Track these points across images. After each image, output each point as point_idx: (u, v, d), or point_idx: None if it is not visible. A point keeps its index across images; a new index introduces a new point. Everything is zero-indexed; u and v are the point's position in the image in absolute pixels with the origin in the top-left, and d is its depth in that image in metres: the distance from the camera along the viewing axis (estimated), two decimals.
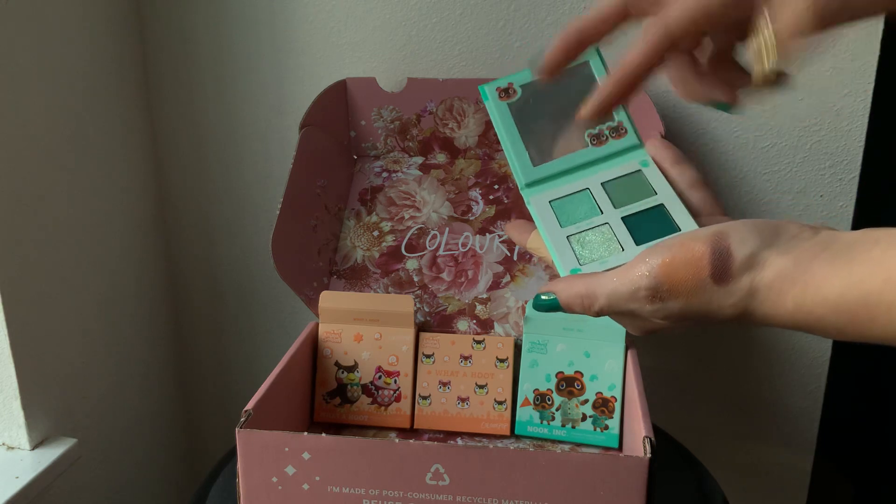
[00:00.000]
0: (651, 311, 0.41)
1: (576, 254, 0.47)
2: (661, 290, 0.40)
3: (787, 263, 0.37)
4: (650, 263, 0.40)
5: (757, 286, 0.38)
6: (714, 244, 0.39)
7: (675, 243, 0.40)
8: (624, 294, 0.42)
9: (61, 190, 0.83)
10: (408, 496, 0.57)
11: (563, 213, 0.49)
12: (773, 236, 0.38)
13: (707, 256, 0.39)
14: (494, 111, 0.51)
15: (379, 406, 0.76)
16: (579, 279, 0.44)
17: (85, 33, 0.86)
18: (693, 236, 0.40)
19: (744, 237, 0.39)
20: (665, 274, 0.40)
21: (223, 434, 1.11)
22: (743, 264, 0.38)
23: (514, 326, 0.78)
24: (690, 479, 0.77)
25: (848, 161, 0.88)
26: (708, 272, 0.39)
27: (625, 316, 0.43)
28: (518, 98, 0.51)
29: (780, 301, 0.37)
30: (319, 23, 0.91)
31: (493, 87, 0.52)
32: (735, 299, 0.39)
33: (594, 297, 0.43)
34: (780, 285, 0.37)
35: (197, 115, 0.97)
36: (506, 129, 0.51)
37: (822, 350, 0.95)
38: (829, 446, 1.00)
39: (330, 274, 0.82)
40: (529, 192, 0.50)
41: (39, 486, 0.78)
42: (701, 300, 0.40)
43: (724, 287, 0.39)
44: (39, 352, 0.80)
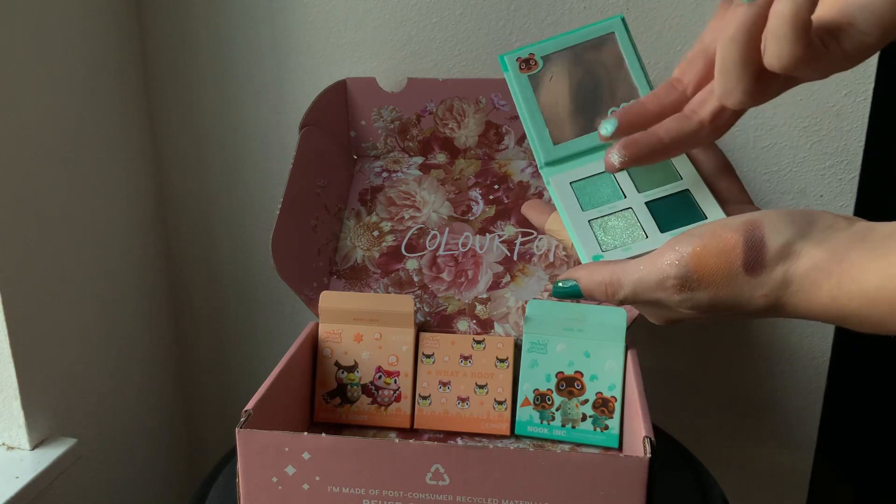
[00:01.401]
0: (678, 300, 0.40)
1: (598, 239, 0.45)
2: (691, 280, 0.39)
3: (823, 254, 0.36)
4: (680, 252, 0.39)
5: (791, 277, 0.37)
6: (747, 233, 0.38)
7: (705, 231, 0.39)
8: (651, 283, 0.40)
9: (61, 190, 0.83)
10: (408, 496, 0.57)
11: (585, 195, 0.47)
12: (808, 226, 0.37)
13: (740, 246, 0.38)
14: (514, 84, 0.48)
15: (379, 406, 0.76)
16: (603, 266, 0.43)
17: (85, 33, 0.86)
18: (725, 224, 0.39)
19: (778, 227, 0.38)
20: (695, 263, 0.39)
21: (223, 434, 1.11)
22: (777, 254, 0.37)
23: (514, 326, 0.78)
24: (690, 479, 0.77)
25: (848, 161, 0.88)
26: (740, 262, 0.38)
27: (649, 305, 0.42)
28: (539, 70, 0.48)
29: (814, 293, 0.37)
30: (319, 23, 0.91)
31: (513, 57, 0.49)
32: (767, 290, 0.38)
33: (619, 284, 0.42)
34: (816, 277, 0.36)
35: (197, 115, 0.97)
36: (526, 103, 0.48)
37: (822, 350, 0.95)
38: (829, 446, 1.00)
39: (330, 274, 0.82)
40: (549, 171, 0.48)
41: (39, 486, 0.78)
42: (731, 290, 0.39)
43: (756, 277, 0.38)
44: (39, 352, 0.80)
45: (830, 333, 0.94)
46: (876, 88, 0.84)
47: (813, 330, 0.94)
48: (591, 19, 0.86)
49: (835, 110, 0.86)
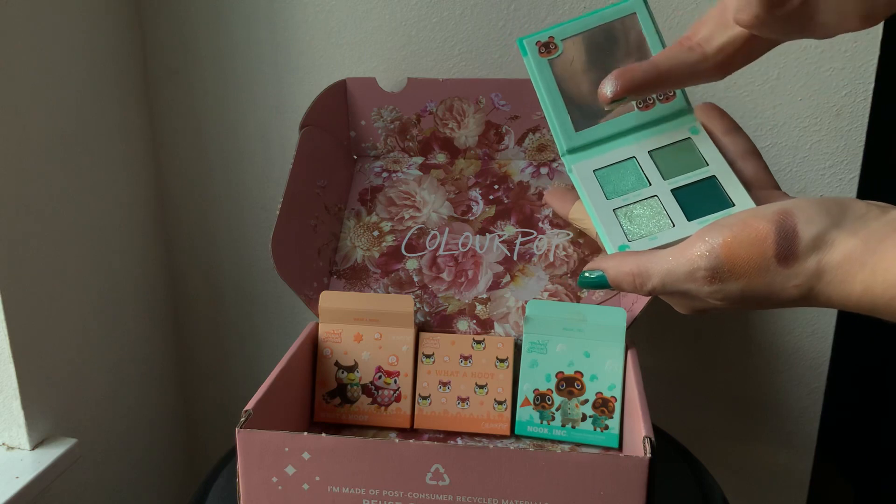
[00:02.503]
0: (709, 292, 0.39)
1: (623, 229, 0.44)
2: (722, 271, 0.38)
3: (856, 244, 0.36)
4: (710, 243, 0.39)
5: (824, 267, 0.36)
6: (779, 223, 0.37)
7: (736, 222, 0.38)
8: (681, 275, 0.40)
9: (61, 190, 0.83)
10: (408, 496, 0.57)
11: (609, 183, 0.46)
12: (841, 215, 0.37)
13: (772, 236, 0.37)
14: (534, 69, 0.47)
15: (379, 406, 0.76)
16: (630, 256, 0.42)
17: (84, 33, 0.86)
18: (756, 214, 0.38)
19: (810, 216, 0.37)
20: (727, 254, 0.38)
21: (223, 434, 1.11)
22: (809, 244, 0.37)
23: (514, 326, 0.78)
24: (690, 479, 0.77)
25: (848, 161, 0.88)
26: (773, 252, 0.37)
27: (678, 296, 0.42)
28: (559, 54, 0.47)
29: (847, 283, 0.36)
30: (319, 23, 0.91)
31: (532, 40, 0.47)
32: (799, 280, 0.37)
33: (647, 275, 0.41)
34: (849, 267, 0.36)
35: (197, 115, 0.97)
36: (546, 89, 0.47)
37: (822, 350, 0.95)
38: (829, 446, 1.00)
39: (330, 274, 0.82)
40: (571, 159, 0.47)
41: (39, 486, 0.78)
42: (763, 281, 0.38)
43: (789, 268, 0.37)
44: (39, 352, 0.80)
45: (830, 333, 0.94)
46: (876, 88, 0.85)
47: (813, 330, 0.94)
48: None
49: (835, 110, 0.86)
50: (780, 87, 0.86)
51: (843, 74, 0.84)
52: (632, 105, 0.47)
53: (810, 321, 0.94)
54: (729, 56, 0.43)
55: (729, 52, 0.43)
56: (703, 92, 0.87)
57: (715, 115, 0.47)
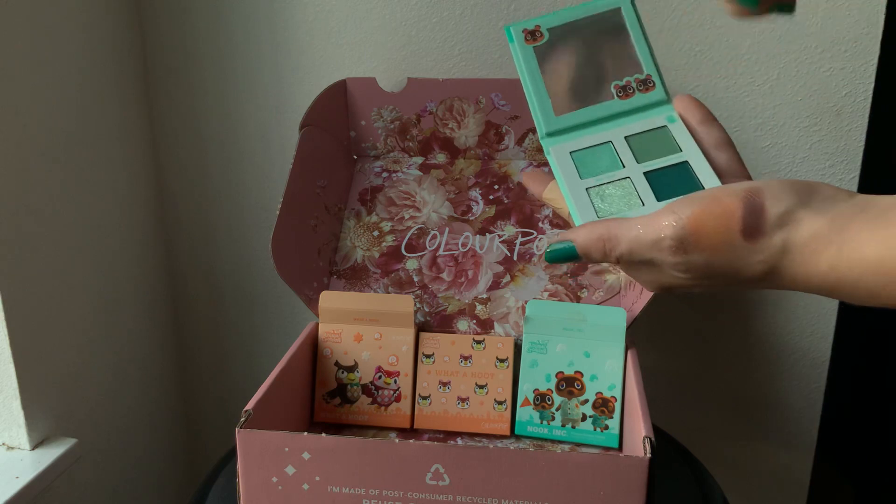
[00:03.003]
0: (673, 262, 0.40)
1: (594, 206, 0.45)
2: (688, 242, 0.39)
3: (823, 223, 0.36)
4: (678, 214, 0.39)
5: (790, 245, 0.37)
6: (747, 199, 0.38)
7: (705, 196, 0.39)
8: (647, 242, 0.40)
9: (61, 190, 0.83)
10: (408, 496, 0.57)
11: (584, 164, 0.47)
12: (809, 195, 0.38)
13: (739, 211, 0.38)
14: (519, 54, 0.49)
15: (379, 406, 0.76)
16: (600, 223, 0.43)
17: (84, 33, 0.86)
18: (726, 190, 0.39)
19: (778, 194, 0.38)
20: (693, 225, 0.39)
21: (223, 434, 1.11)
22: (776, 221, 0.37)
23: (514, 326, 0.78)
24: (690, 479, 0.77)
25: (848, 161, 0.88)
26: (739, 227, 0.38)
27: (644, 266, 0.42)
28: (545, 42, 0.49)
29: (813, 261, 0.37)
30: (319, 23, 0.91)
31: (519, 28, 0.49)
32: (765, 256, 0.38)
33: (616, 240, 0.41)
34: (815, 245, 0.36)
35: (197, 115, 0.97)
36: (529, 74, 0.48)
37: (822, 350, 0.95)
38: (829, 446, 1.00)
39: (330, 274, 0.82)
40: (550, 141, 0.48)
41: (39, 486, 0.78)
42: (728, 255, 0.38)
43: (754, 243, 0.38)
44: (39, 352, 0.81)
45: (830, 333, 0.94)
46: (876, 88, 0.85)
47: (813, 330, 0.94)
48: None
49: (835, 110, 0.86)
50: (780, 87, 0.86)
51: (843, 74, 0.84)
52: (611, 93, 0.48)
53: (810, 321, 0.94)
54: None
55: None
56: (703, 92, 0.87)
57: (692, 106, 0.48)
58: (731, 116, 0.88)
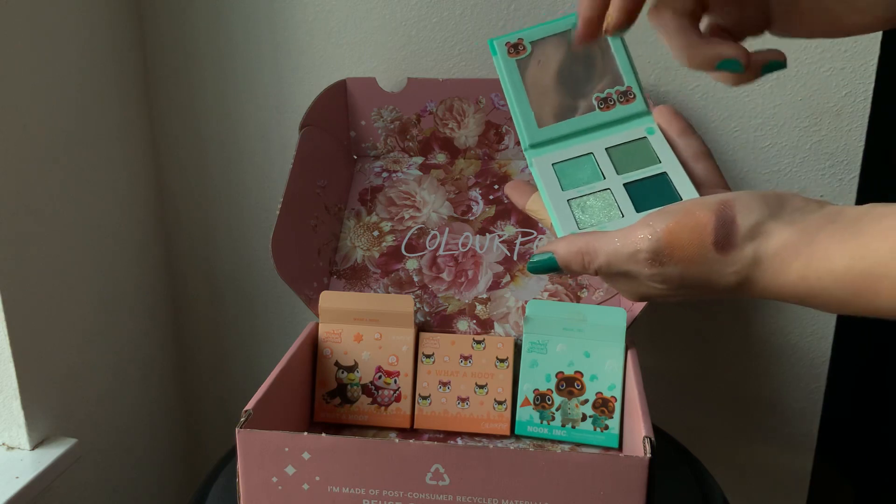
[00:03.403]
0: (649, 274, 0.41)
1: (575, 218, 0.46)
2: (662, 254, 0.40)
3: (793, 234, 0.37)
4: (653, 227, 0.40)
5: (761, 256, 0.38)
6: (719, 212, 0.39)
7: (679, 209, 0.40)
8: (624, 255, 0.41)
9: (61, 190, 0.83)
10: (408, 496, 0.57)
11: (566, 176, 0.48)
12: (779, 207, 0.38)
13: (711, 223, 0.39)
14: (502, 67, 0.50)
15: (379, 406, 0.76)
16: (579, 237, 0.44)
17: (85, 33, 0.86)
18: (698, 203, 0.40)
19: (749, 206, 0.39)
20: (667, 238, 0.40)
21: (223, 434, 1.11)
22: (747, 233, 0.38)
23: (514, 326, 0.78)
24: (690, 479, 0.77)
25: (848, 161, 0.88)
26: (711, 239, 0.39)
27: (622, 277, 0.43)
28: (527, 55, 0.50)
29: (783, 271, 0.37)
30: (319, 23, 0.91)
31: (502, 41, 0.50)
32: (737, 267, 0.39)
33: (595, 253, 0.43)
34: (785, 255, 0.37)
35: (197, 115, 0.97)
36: (513, 87, 0.50)
37: (822, 350, 0.95)
38: (829, 446, 1.00)
39: (330, 274, 0.82)
40: (533, 153, 0.49)
41: (39, 486, 0.78)
42: (702, 268, 0.39)
43: (726, 255, 0.39)
44: (39, 352, 0.80)
45: (830, 333, 0.94)
46: (876, 88, 0.85)
47: (813, 330, 0.94)
48: None
49: (835, 110, 0.86)
50: (780, 87, 0.86)
51: (843, 74, 0.84)
52: (593, 104, 0.49)
53: (810, 321, 0.94)
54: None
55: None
56: (702, 92, 0.87)
57: (671, 118, 0.49)
58: (731, 116, 0.88)
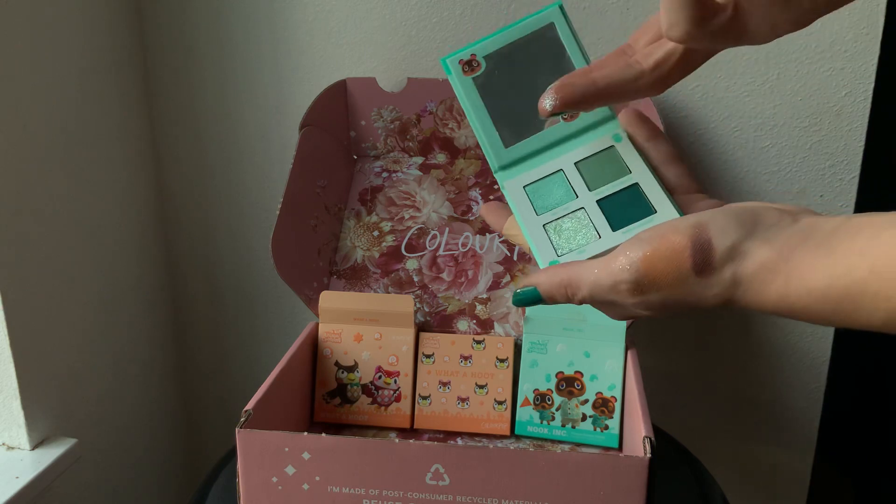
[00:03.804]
0: (633, 303, 0.41)
1: (553, 244, 0.46)
2: (643, 284, 0.40)
3: (770, 254, 0.37)
4: (631, 257, 0.40)
5: (739, 277, 0.38)
6: (694, 237, 0.39)
7: (654, 236, 0.40)
8: (606, 287, 0.41)
9: (61, 190, 0.83)
10: (408, 496, 0.57)
11: (538, 198, 0.47)
12: (753, 225, 0.38)
13: (688, 249, 0.39)
14: (459, 88, 0.48)
15: (379, 406, 0.76)
16: (561, 268, 0.44)
17: (84, 33, 0.86)
18: (673, 228, 0.40)
19: (724, 228, 0.38)
20: (646, 268, 0.40)
21: (223, 434, 1.11)
22: (724, 255, 0.38)
23: (514, 326, 0.78)
24: (690, 479, 0.77)
25: (848, 161, 0.88)
26: (689, 264, 0.39)
27: (607, 305, 0.43)
28: (483, 71, 0.47)
29: (763, 291, 0.37)
30: (319, 23, 0.91)
31: (455, 59, 0.48)
32: (718, 290, 0.39)
33: (577, 286, 0.43)
34: (764, 276, 0.37)
35: (197, 115, 0.97)
36: (473, 108, 0.47)
37: (822, 350, 0.95)
38: (829, 446, 1.00)
39: (330, 274, 0.82)
40: (503, 175, 0.48)
41: (39, 486, 0.78)
42: (683, 291, 0.39)
43: (706, 279, 0.39)
44: (39, 352, 0.80)
45: (830, 333, 0.94)
46: (876, 88, 0.85)
47: (813, 330, 0.94)
48: (590, 19, 0.86)
49: (835, 110, 0.86)
50: (780, 87, 0.86)
51: (843, 74, 0.84)
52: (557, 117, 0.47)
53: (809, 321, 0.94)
54: (666, 72, 0.44)
55: (666, 68, 0.44)
56: (703, 92, 0.87)
57: (638, 122, 0.48)
58: (731, 116, 0.88)
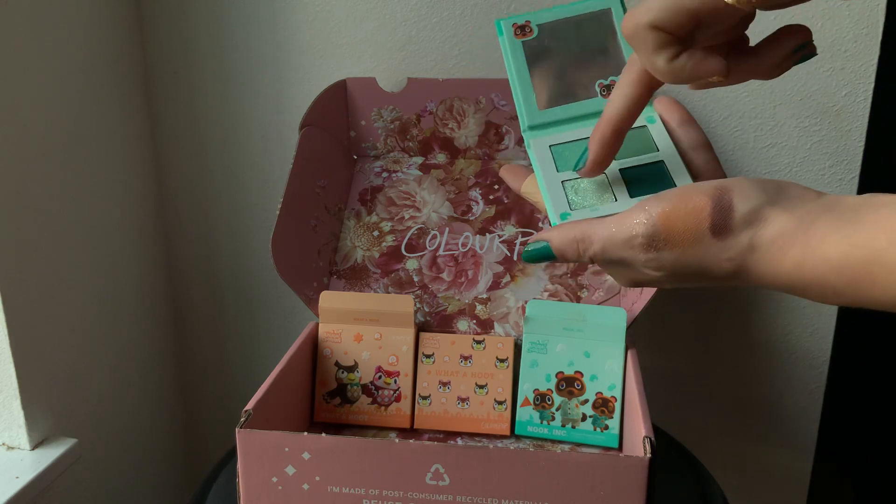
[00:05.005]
0: (645, 259, 0.41)
1: (568, 199, 0.46)
2: (658, 239, 0.40)
3: (790, 222, 0.37)
4: (649, 212, 0.40)
5: (757, 242, 0.38)
6: (716, 197, 0.39)
7: (676, 194, 0.40)
8: (620, 241, 0.41)
9: (61, 190, 0.83)
10: (408, 496, 0.57)
11: (562, 158, 0.48)
12: (777, 194, 0.38)
13: (708, 208, 0.39)
14: (507, 48, 0.49)
15: (379, 406, 0.76)
16: (574, 224, 0.44)
17: (85, 33, 0.86)
18: (695, 188, 0.40)
19: (747, 193, 0.38)
20: (663, 222, 0.40)
21: (223, 434, 1.11)
22: (744, 219, 0.38)
23: (514, 326, 0.78)
24: (690, 479, 0.77)
25: (848, 161, 0.88)
26: (707, 224, 0.39)
27: (617, 264, 0.43)
28: (534, 38, 0.49)
29: (779, 259, 0.37)
30: (319, 23, 0.91)
31: (509, 22, 0.50)
32: (732, 253, 0.38)
33: (590, 241, 0.43)
34: (781, 243, 0.37)
35: (197, 115, 0.97)
36: (516, 67, 0.49)
37: (822, 350, 0.95)
38: (829, 446, 1.00)
39: (330, 274, 0.82)
40: (531, 134, 0.49)
41: (39, 486, 0.78)
42: (697, 252, 0.39)
43: (722, 241, 0.38)
44: (39, 352, 0.80)
45: (830, 333, 0.94)
46: (876, 88, 0.84)
47: (813, 330, 0.94)
48: None
49: (835, 110, 0.86)
50: (780, 87, 0.86)
51: (843, 74, 0.84)
52: (595, 91, 0.49)
53: (810, 321, 0.94)
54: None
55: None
56: (703, 92, 0.87)
57: (672, 108, 0.48)
58: (731, 116, 0.88)
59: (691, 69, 0.40)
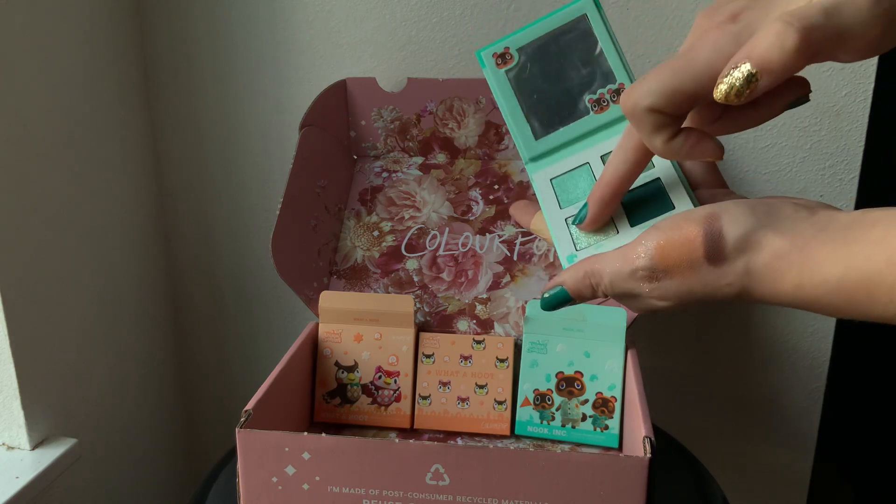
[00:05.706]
0: (649, 290, 0.42)
1: (573, 238, 0.47)
2: (657, 271, 0.41)
3: (783, 244, 0.37)
4: (646, 245, 0.41)
5: (752, 268, 0.38)
6: (706, 225, 0.39)
7: (668, 224, 0.41)
8: (624, 274, 0.42)
9: (61, 190, 0.83)
10: (408, 496, 0.57)
11: (563, 191, 0.48)
12: (767, 216, 0.38)
13: (700, 238, 0.39)
14: (493, 81, 0.49)
15: (379, 406, 0.76)
16: (583, 262, 0.45)
17: (84, 33, 0.86)
18: (686, 217, 0.41)
19: (736, 218, 0.39)
20: (659, 255, 0.40)
21: (223, 434, 1.11)
22: (736, 245, 0.38)
23: (514, 326, 0.78)
24: (690, 479, 0.77)
25: (848, 161, 0.88)
26: (701, 252, 0.39)
27: (626, 296, 0.44)
28: (516, 64, 0.49)
29: (777, 282, 0.38)
30: (319, 23, 0.91)
31: (489, 53, 0.49)
32: (731, 279, 0.39)
33: (599, 276, 0.44)
34: (778, 266, 0.37)
35: (197, 116, 0.97)
36: (505, 100, 0.49)
37: (822, 350, 0.95)
38: (829, 446, 1.00)
39: (330, 274, 0.82)
40: (532, 167, 0.49)
41: (39, 486, 0.78)
42: (696, 280, 0.40)
43: (719, 268, 0.39)
44: (39, 352, 0.80)
45: (830, 333, 0.94)
46: (876, 88, 0.85)
47: (813, 330, 0.94)
48: None
49: (835, 110, 0.86)
50: None
51: (843, 74, 0.84)
52: (586, 107, 0.48)
53: (810, 321, 0.94)
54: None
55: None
56: None
57: None
58: None
59: (687, 152, 0.41)
